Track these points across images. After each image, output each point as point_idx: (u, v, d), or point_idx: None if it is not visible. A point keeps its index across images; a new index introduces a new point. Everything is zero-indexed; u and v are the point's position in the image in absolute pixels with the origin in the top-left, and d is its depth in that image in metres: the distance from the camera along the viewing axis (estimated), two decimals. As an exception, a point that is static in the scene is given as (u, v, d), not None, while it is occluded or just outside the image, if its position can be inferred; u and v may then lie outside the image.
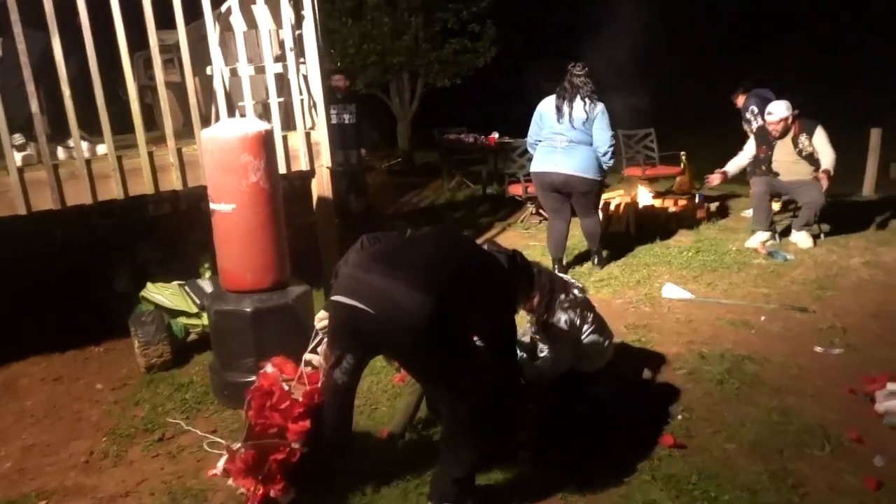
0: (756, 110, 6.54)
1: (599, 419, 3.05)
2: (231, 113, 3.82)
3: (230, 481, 2.56)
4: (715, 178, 5.92)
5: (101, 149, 3.65)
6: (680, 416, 3.09)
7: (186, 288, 4.11)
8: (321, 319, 2.62)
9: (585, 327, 3.09)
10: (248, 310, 3.33)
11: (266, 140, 3.28)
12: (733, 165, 5.98)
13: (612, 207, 6.58)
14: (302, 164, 4.06)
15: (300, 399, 2.56)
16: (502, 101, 14.94)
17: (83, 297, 4.68)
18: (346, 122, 6.84)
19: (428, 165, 11.44)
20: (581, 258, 5.65)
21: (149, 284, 4.10)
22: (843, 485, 2.56)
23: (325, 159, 4.13)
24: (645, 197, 6.85)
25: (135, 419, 3.40)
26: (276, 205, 3.38)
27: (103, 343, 4.39)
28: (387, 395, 3.49)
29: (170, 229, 5.36)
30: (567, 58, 5.53)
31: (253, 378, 3.34)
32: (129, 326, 3.93)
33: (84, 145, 3.68)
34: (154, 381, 3.78)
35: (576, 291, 3.13)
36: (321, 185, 4.18)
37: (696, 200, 6.84)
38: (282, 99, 3.98)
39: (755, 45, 16.11)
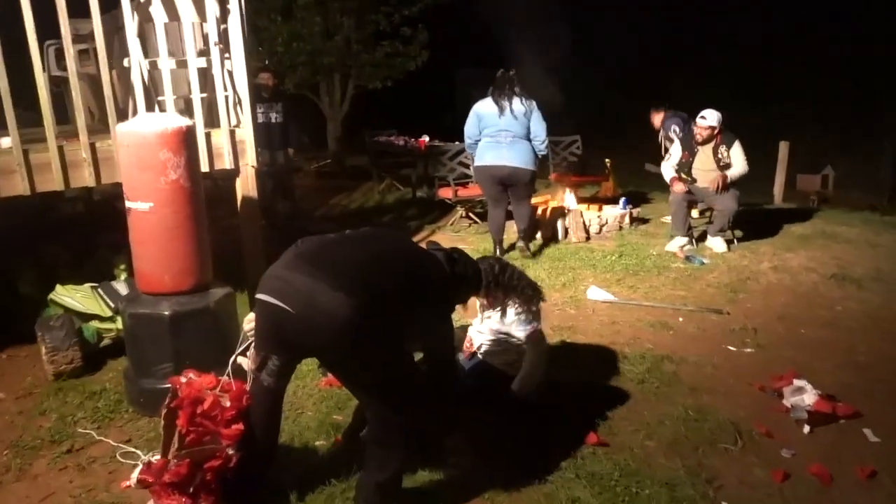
0: (678, 129, 6.90)
1: (524, 420, 3.09)
2: (150, 108, 3.66)
3: (150, 502, 2.45)
4: (680, 187, 6.02)
5: (6, 142, 3.42)
6: (602, 415, 3.16)
7: (100, 290, 3.90)
8: (250, 321, 2.52)
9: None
10: (166, 313, 3.19)
11: (187, 136, 3.15)
12: (668, 170, 6.18)
13: (538, 212, 6.71)
14: (226, 163, 3.94)
15: (228, 404, 2.46)
16: (433, 106, 15.02)
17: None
18: (273, 121, 6.70)
19: (357, 168, 11.34)
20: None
21: (58, 287, 3.86)
22: (753, 478, 2.69)
23: (249, 158, 4.02)
24: (571, 202, 7.02)
25: (40, 430, 3.19)
26: (198, 204, 3.26)
27: (6, 350, 4.10)
28: (312, 399, 3.42)
29: (81, 229, 5.09)
30: (495, 67, 5.73)
31: (170, 384, 3.23)
32: (36, 332, 3.69)
33: None
34: (63, 390, 3.56)
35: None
36: (246, 185, 4.06)
37: (620, 206, 7.06)
38: (205, 95, 3.84)
39: (675, 58, 16.83)
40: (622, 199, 7.20)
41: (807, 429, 3.03)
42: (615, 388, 3.47)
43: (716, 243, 6.06)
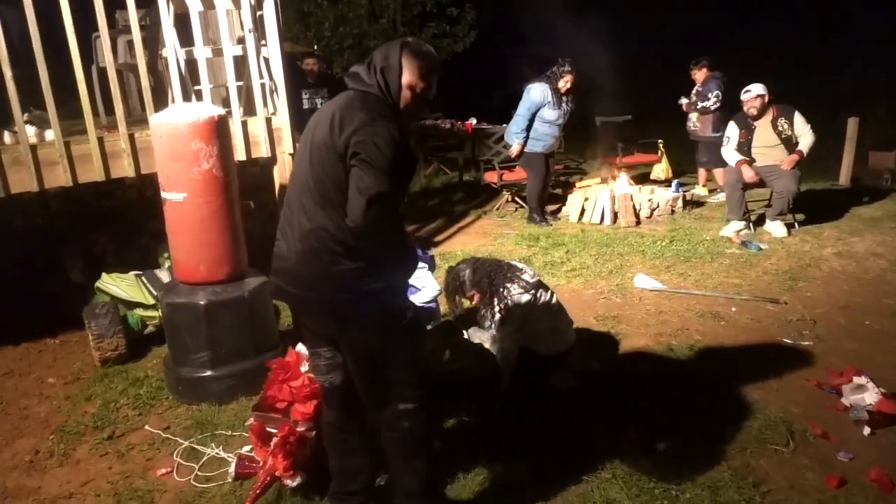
0: (720, 94, 6.61)
1: (558, 413, 2.98)
2: (187, 97, 3.67)
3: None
4: (751, 174, 5.69)
5: (50, 134, 3.49)
6: (643, 411, 3.02)
7: (143, 279, 3.97)
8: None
9: (538, 308, 3.03)
10: (202, 303, 3.21)
11: (219, 125, 3.14)
12: (732, 154, 5.87)
13: (585, 197, 6.52)
14: (262, 151, 3.93)
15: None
16: (481, 87, 14.78)
17: (40, 287, 4.53)
18: (319, 106, 6.68)
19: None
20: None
21: (104, 275, 3.95)
22: (805, 482, 2.51)
23: (286, 145, 4.00)
24: (623, 185, 6.79)
25: (85, 416, 3.28)
26: (231, 194, 3.25)
27: (59, 335, 4.25)
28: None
29: (128, 218, 5.20)
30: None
31: (206, 373, 3.27)
32: (83, 319, 3.80)
33: (31, 130, 3.51)
34: (108, 376, 3.65)
35: (526, 276, 3.06)
36: (283, 172, 4.05)
37: (673, 188, 6.79)
38: (241, 83, 3.83)
39: (734, 29, 16.05)
40: (675, 182, 6.91)
41: (867, 430, 2.81)
42: (658, 382, 3.31)
43: (775, 227, 5.74)
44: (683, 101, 7.06)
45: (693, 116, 6.96)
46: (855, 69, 15.12)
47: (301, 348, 2.64)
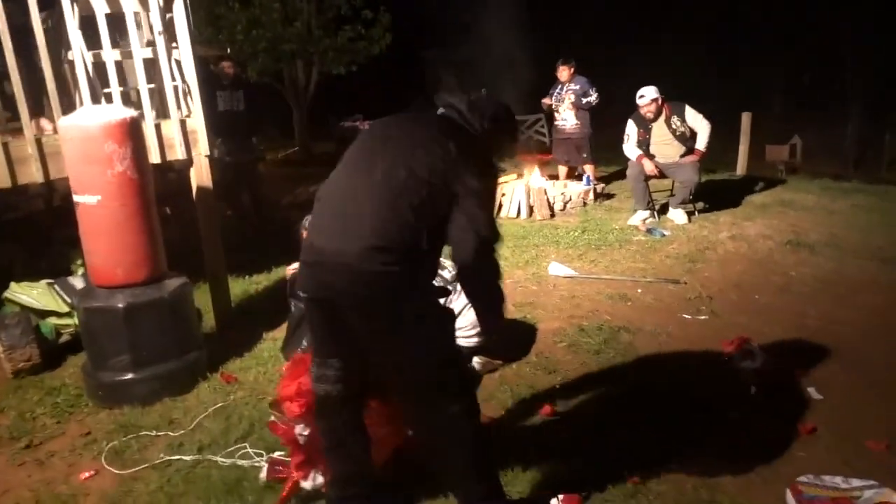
0: (588, 94, 7.13)
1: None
2: (96, 101, 3.62)
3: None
4: (651, 167, 6.10)
5: None
6: (558, 386, 3.23)
7: (56, 287, 3.87)
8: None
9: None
10: (120, 305, 3.18)
11: (132, 127, 3.13)
12: (633, 150, 6.22)
13: (502, 192, 6.77)
14: (178, 153, 3.90)
15: None
16: (400, 90, 14.89)
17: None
18: (235, 108, 6.63)
19: (325, 155, 11.29)
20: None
21: (12, 284, 3.83)
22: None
23: (202, 147, 3.99)
24: (538, 180, 7.08)
25: (-1, 428, 3.19)
26: (147, 195, 3.24)
27: (-36, 350, 4.07)
28: (273, 383, 3.44)
29: (35, 227, 5.04)
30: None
31: (128, 376, 3.25)
32: (-8, 330, 3.67)
33: None
34: (22, 387, 3.54)
35: (445, 273, 3.22)
36: (200, 175, 4.04)
37: (584, 182, 7.13)
38: (153, 86, 3.80)
39: (631, 32, 16.80)
40: (585, 176, 7.27)
41: (753, 389, 3.12)
42: (571, 359, 3.54)
43: (677, 215, 6.16)
44: (546, 101, 7.46)
45: (569, 115, 7.26)
46: (751, 69, 16.20)
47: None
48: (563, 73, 7.23)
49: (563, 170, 7.62)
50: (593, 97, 7.15)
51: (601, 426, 2.87)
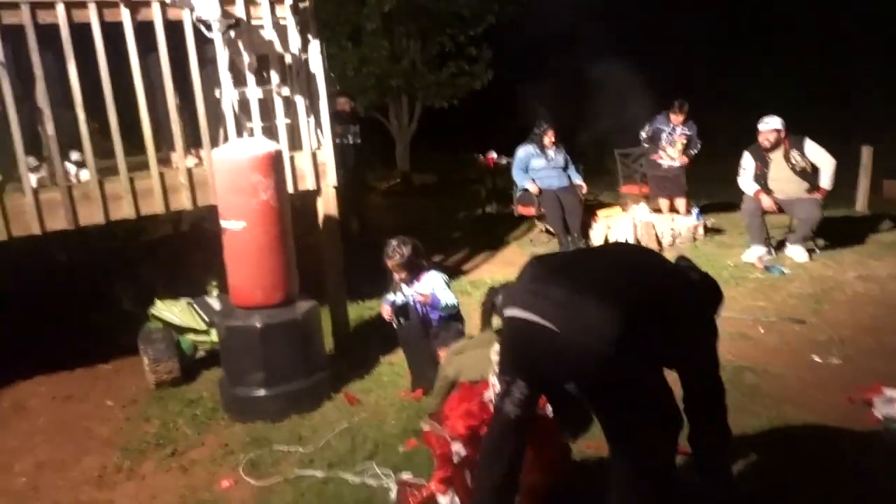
0: (696, 139, 7.09)
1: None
2: (240, 135, 3.92)
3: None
4: (769, 203, 5.88)
5: (84, 174, 3.69)
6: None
7: (195, 305, 4.17)
8: (497, 352, 2.39)
9: None
10: (258, 325, 3.39)
11: (275, 160, 3.38)
12: (749, 184, 6.03)
13: (608, 226, 6.70)
14: (308, 184, 4.15)
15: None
16: (496, 121, 15.01)
17: (89, 317, 4.75)
18: (349, 142, 6.95)
19: (426, 186, 11.57)
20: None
21: (157, 302, 4.15)
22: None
23: (330, 178, 4.23)
24: (643, 213, 6.96)
25: (146, 435, 3.45)
26: (285, 223, 3.47)
27: (111, 362, 4.44)
28: (394, 407, 3.55)
29: (171, 251, 5.44)
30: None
31: (261, 392, 3.44)
32: (138, 344, 3.99)
33: (72, 169, 3.74)
34: (163, 398, 3.83)
35: None
36: (327, 204, 4.27)
37: (694, 216, 6.95)
38: (288, 121, 4.08)
39: (741, 57, 16.25)
40: (695, 210, 7.08)
41: (901, 441, 2.92)
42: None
43: (796, 252, 5.88)
44: (646, 135, 7.37)
45: (676, 156, 7.18)
46: (859, 97, 15.27)
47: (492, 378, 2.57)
48: (679, 117, 7.15)
49: (664, 202, 7.48)
50: (699, 144, 7.16)
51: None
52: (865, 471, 2.76)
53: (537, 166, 6.81)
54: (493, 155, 9.00)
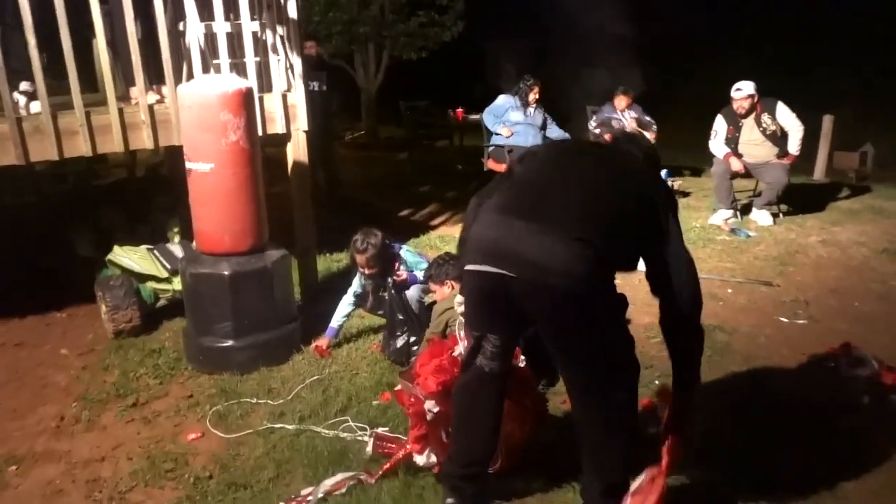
0: (646, 118, 7.08)
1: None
2: (206, 71, 3.68)
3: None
4: (738, 165, 5.87)
5: (35, 106, 3.42)
6: (657, 382, 3.15)
7: (156, 252, 3.97)
8: (461, 303, 2.31)
9: None
10: (226, 273, 3.24)
11: (247, 98, 3.18)
12: (720, 147, 6.03)
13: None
14: (278, 128, 3.95)
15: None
16: (461, 79, 14.71)
17: (40, 262, 4.50)
18: (315, 89, 6.68)
19: (391, 139, 11.33)
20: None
21: (116, 248, 3.94)
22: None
23: (301, 123, 4.04)
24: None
25: (105, 384, 3.29)
26: (256, 166, 3.29)
27: (65, 309, 4.23)
28: (366, 360, 3.47)
29: (127, 196, 5.18)
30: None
31: (229, 343, 3.31)
32: (96, 291, 3.79)
33: (21, 100, 3.47)
34: (123, 347, 3.66)
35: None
36: (297, 150, 4.08)
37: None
38: (258, 59, 3.85)
39: (708, 25, 16.25)
40: (663, 172, 7.09)
41: (866, 399, 2.99)
42: (665, 356, 3.45)
43: (761, 216, 5.96)
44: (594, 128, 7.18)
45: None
46: (827, 71, 15.51)
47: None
48: (622, 101, 7.08)
49: None
50: (653, 122, 7.06)
51: (703, 423, 2.79)
52: (830, 419, 2.83)
53: (513, 119, 6.64)
54: (462, 110, 8.83)
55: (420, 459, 2.39)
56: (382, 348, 3.50)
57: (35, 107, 3.39)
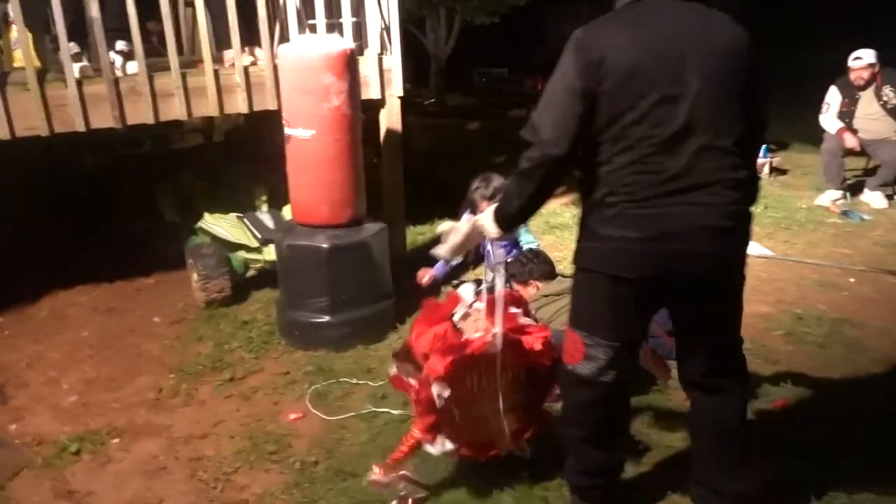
0: None
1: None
2: (302, 31, 3.50)
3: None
4: (853, 142, 5.38)
5: (131, 67, 3.29)
6: (790, 382, 2.87)
7: (246, 220, 3.86)
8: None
9: None
10: (325, 245, 3.09)
11: (350, 60, 2.98)
12: (833, 122, 5.55)
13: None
14: (372, 93, 3.75)
15: (463, 339, 2.06)
16: (524, 45, 14.14)
17: (128, 228, 4.46)
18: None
19: (459, 108, 11.04)
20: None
21: (206, 215, 3.84)
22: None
23: (395, 88, 3.83)
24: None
25: (199, 356, 3.21)
26: (357, 133, 3.11)
27: (153, 275, 4.19)
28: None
29: (208, 160, 5.08)
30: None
31: (325, 318, 3.16)
32: (187, 259, 3.71)
33: (118, 60, 3.34)
34: (214, 318, 3.58)
35: None
36: (391, 117, 3.88)
37: (760, 154, 6.51)
38: (355, 19, 3.64)
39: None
40: (762, 146, 6.63)
41: None
42: (794, 350, 3.16)
43: (875, 198, 5.48)
44: None
45: None
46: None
47: (465, 293, 2.22)
48: None
49: None
50: None
51: (839, 428, 2.50)
52: None
53: None
54: (542, 78, 8.47)
55: (434, 449, 2.13)
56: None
57: (131, 67, 3.27)
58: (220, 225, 3.78)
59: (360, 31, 3.73)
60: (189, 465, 2.47)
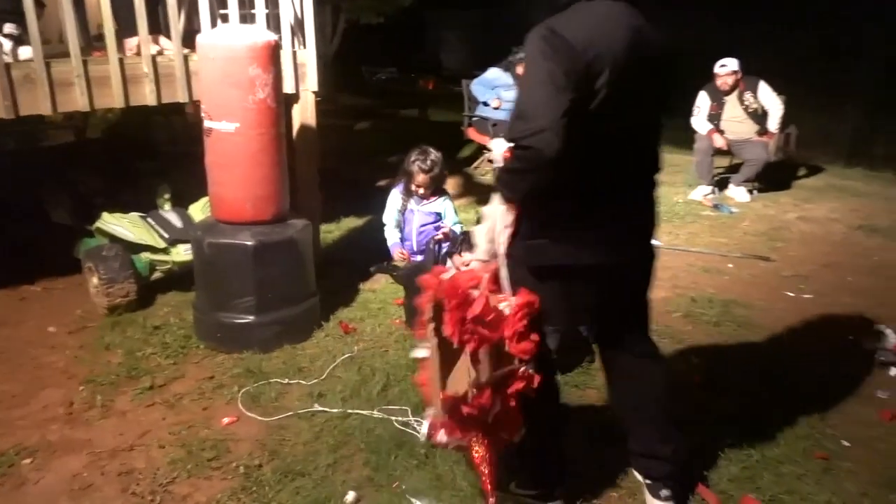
0: None
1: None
2: (213, 23, 3.35)
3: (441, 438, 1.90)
4: (721, 142, 5.97)
5: (23, 52, 3.00)
6: (695, 359, 3.15)
7: (150, 220, 3.63)
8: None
9: None
10: (250, 243, 2.98)
11: (275, 52, 2.91)
12: (703, 123, 6.09)
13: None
14: (287, 87, 3.66)
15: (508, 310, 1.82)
16: (402, 48, 14.18)
17: (4, 229, 4.03)
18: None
19: (351, 107, 10.91)
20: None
21: (105, 214, 3.57)
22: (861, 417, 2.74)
23: (310, 83, 3.76)
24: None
25: (111, 365, 2.99)
26: (282, 127, 3.03)
27: (39, 282, 3.83)
28: (393, 336, 3.31)
29: (104, 156, 4.71)
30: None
31: (250, 319, 3.05)
32: (84, 262, 3.44)
33: (7, 44, 3.05)
34: (120, 324, 3.34)
35: None
36: (304, 113, 3.81)
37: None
38: (268, 11, 3.54)
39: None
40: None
41: (893, 371, 3.09)
42: (693, 330, 3.47)
43: (739, 193, 6.11)
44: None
45: None
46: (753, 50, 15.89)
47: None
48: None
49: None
50: None
51: (757, 399, 2.81)
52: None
53: (506, 97, 6.31)
54: (433, 80, 8.60)
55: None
56: (406, 323, 3.35)
57: (24, 52, 2.97)
58: (122, 225, 3.53)
59: (273, 24, 3.63)
60: (119, 479, 2.30)
